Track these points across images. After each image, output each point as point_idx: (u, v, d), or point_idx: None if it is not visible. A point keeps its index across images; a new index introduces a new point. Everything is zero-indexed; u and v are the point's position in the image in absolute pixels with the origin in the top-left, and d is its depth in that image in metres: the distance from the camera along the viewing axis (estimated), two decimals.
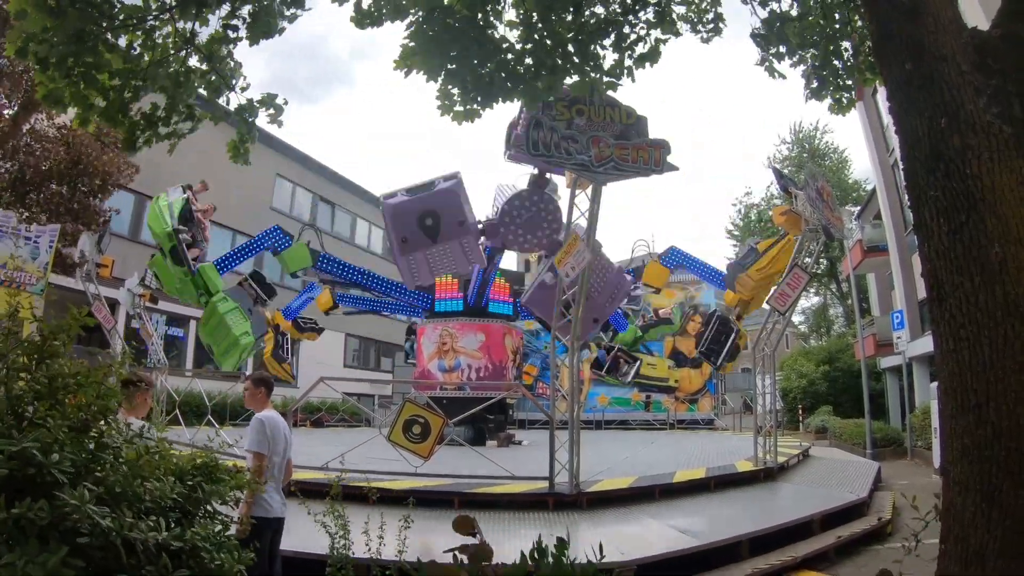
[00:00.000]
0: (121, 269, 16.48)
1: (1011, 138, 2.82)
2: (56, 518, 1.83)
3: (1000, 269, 2.66)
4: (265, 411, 4.54)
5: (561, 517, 7.25)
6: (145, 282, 14.18)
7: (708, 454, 12.82)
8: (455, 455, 9.72)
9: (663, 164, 6.92)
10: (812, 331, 48.56)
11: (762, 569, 6.05)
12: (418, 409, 8.34)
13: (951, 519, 2.71)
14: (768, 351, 11.50)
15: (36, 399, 2.20)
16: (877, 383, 24.78)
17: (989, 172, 2.76)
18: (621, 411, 25.67)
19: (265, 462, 4.23)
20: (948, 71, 2.95)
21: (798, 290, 10.23)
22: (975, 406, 2.63)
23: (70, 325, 2.35)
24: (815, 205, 9.97)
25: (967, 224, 2.75)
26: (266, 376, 4.94)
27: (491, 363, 16.06)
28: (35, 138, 14.04)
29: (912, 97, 3.02)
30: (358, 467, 7.80)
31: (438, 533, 5.67)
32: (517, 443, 15.89)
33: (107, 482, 2.11)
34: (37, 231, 12.65)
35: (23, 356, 2.26)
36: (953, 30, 3.07)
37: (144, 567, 1.97)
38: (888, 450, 17.36)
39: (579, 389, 9.30)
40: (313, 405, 20.78)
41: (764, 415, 11.35)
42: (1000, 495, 2.52)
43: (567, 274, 7.52)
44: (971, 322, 2.69)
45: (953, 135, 2.84)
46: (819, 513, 7.58)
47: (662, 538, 6.45)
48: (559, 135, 6.61)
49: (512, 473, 8.25)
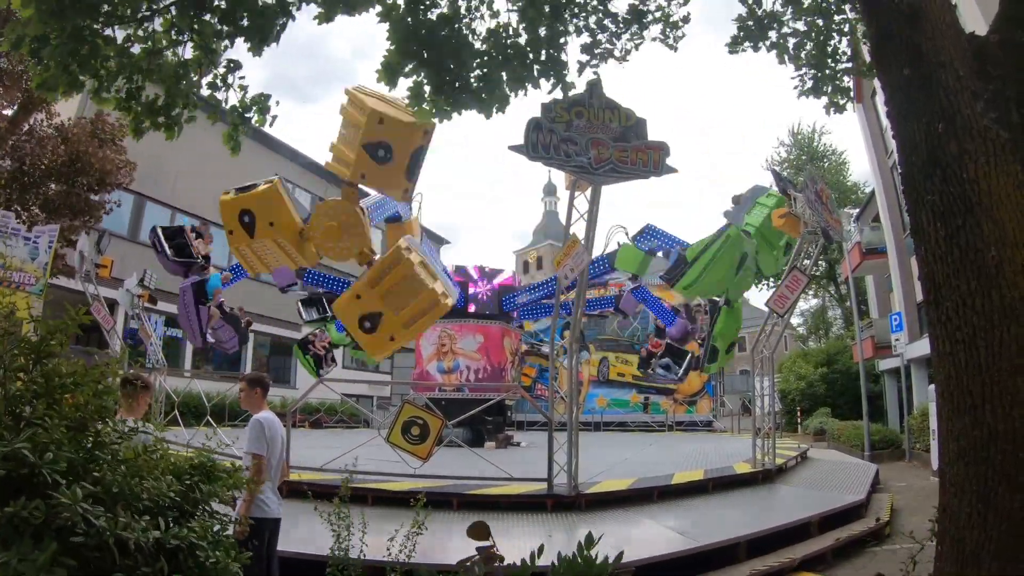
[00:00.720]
0: (120, 269, 16.47)
1: (1008, 143, 2.83)
2: (50, 517, 1.83)
3: (996, 272, 2.67)
4: (263, 412, 4.53)
5: (560, 518, 7.25)
6: (144, 282, 14.19)
7: (706, 456, 12.82)
8: (454, 456, 9.72)
9: (662, 166, 6.92)
10: (811, 333, 48.57)
11: (760, 571, 6.05)
12: (417, 410, 8.34)
13: (947, 520, 2.72)
14: (767, 353, 11.51)
15: (33, 399, 2.20)
16: (875, 385, 24.78)
17: (986, 176, 2.77)
18: (619, 413, 25.68)
19: (264, 463, 4.23)
20: (946, 76, 2.96)
21: (797, 292, 10.23)
22: (971, 408, 2.64)
23: (67, 325, 2.35)
24: (814, 207, 9.98)
25: (964, 228, 2.76)
26: (262, 376, 4.93)
27: (490, 364, 16.07)
28: (33, 137, 14.03)
29: (910, 101, 3.04)
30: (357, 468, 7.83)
31: (437, 534, 5.67)
32: (516, 444, 15.89)
33: (104, 481, 2.11)
34: (36, 231, 12.64)
35: (20, 356, 2.26)
36: (951, 35, 3.08)
37: (140, 567, 1.97)
38: (886, 452, 17.35)
39: (578, 391, 9.29)
40: (312, 406, 20.76)
41: (762, 417, 11.36)
42: (996, 497, 2.53)
43: (566, 276, 7.52)
44: (967, 325, 2.70)
45: (950, 140, 2.86)
46: (817, 515, 7.59)
47: (661, 539, 6.45)
48: (559, 137, 6.61)
49: (511, 474, 8.25)
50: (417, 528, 4.21)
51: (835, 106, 6.14)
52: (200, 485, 2.54)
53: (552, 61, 4.87)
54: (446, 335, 16.14)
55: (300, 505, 7.32)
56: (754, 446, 10.76)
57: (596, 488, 8.11)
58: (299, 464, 8.59)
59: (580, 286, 7.93)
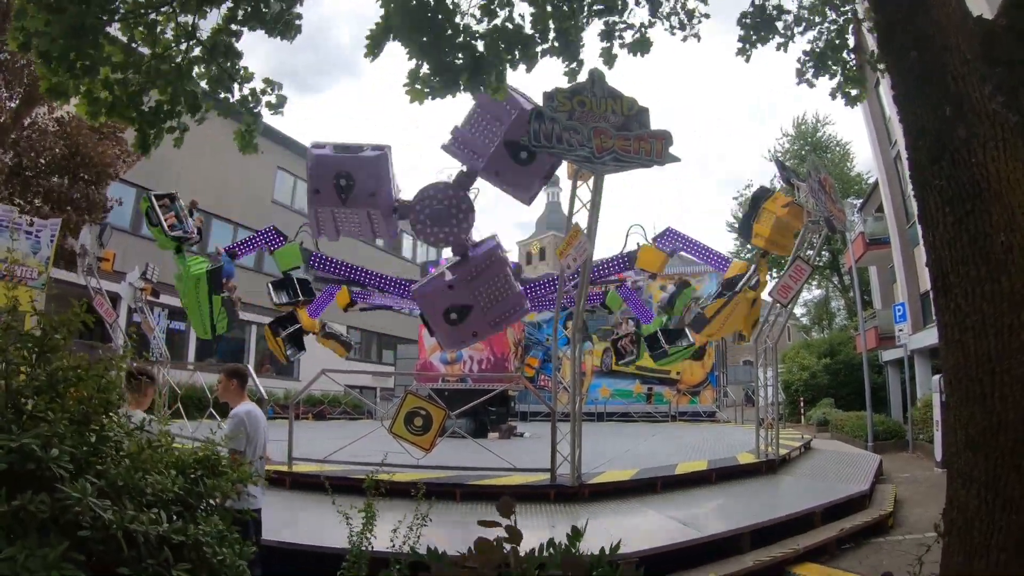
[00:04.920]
0: (122, 263, 16.47)
1: (1017, 127, 2.79)
2: (57, 511, 1.82)
3: (1006, 258, 2.64)
4: (243, 404, 4.57)
5: (563, 509, 7.26)
6: (147, 275, 14.18)
7: (710, 446, 12.82)
8: (457, 447, 9.73)
9: (665, 155, 6.87)
10: (814, 324, 48.54)
11: (764, 561, 6.05)
12: (420, 401, 8.34)
13: (954, 511, 2.70)
14: (770, 344, 11.49)
15: (36, 393, 2.19)
16: (878, 376, 24.75)
17: (995, 161, 2.73)
18: (623, 403, 25.69)
19: (242, 459, 4.30)
20: (953, 60, 2.92)
21: (800, 282, 10.19)
22: (980, 397, 2.62)
23: (71, 320, 2.34)
24: (817, 197, 9.92)
25: (972, 213, 2.73)
26: (240, 368, 4.95)
27: (493, 355, 16.07)
28: (34, 131, 14.02)
29: (917, 86, 3.00)
30: (360, 459, 7.85)
31: (440, 524, 5.68)
32: (519, 435, 15.91)
33: (108, 475, 2.10)
34: (38, 225, 12.64)
35: (23, 350, 2.25)
36: (958, 19, 3.04)
37: (145, 560, 1.96)
38: (889, 443, 17.34)
39: (581, 381, 9.29)
40: (315, 398, 20.81)
41: (766, 408, 11.35)
42: (1004, 487, 2.51)
43: (568, 266, 7.49)
44: (976, 312, 2.67)
45: (958, 124, 2.82)
46: (820, 506, 7.58)
47: (664, 530, 6.45)
48: (560, 126, 6.56)
49: (514, 465, 8.25)
50: (420, 519, 4.21)
51: (847, 97, 6.08)
52: (204, 479, 2.54)
53: (562, 38, 4.73)
54: None
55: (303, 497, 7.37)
56: (757, 437, 10.76)
57: (599, 479, 8.12)
58: (304, 456, 8.62)
59: (583, 277, 7.89)
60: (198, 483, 2.49)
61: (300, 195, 28.19)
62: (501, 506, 2.11)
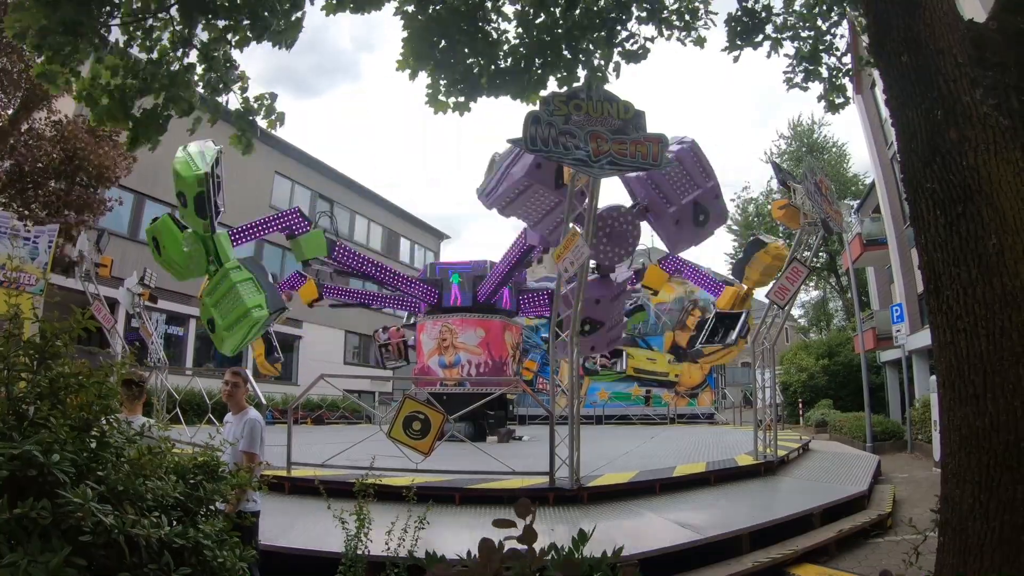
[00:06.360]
0: (120, 268, 16.48)
1: (1008, 130, 2.82)
2: (58, 517, 1.84)
3: (997, 260, 2.66)
4: (251, 410, 4.62)
5: (562, 512, 7.26)
6: (144, 281, 14.19)
7: (708, 448, 12.83)
8: (455, 451, 9.73)
9: (661, 159, 6.91)
10: (812, 325, 48.56)
11: (763, 563, 6.06)
12: (418, 405, 8.34)
13: (949, 510, 2.72)
14: (768, 345, 11.51)
15: (38, 399, 2.20)
16: (877, 377, 24.79)
17: (986, 163, 2.76)
18: (621, 406, 25.71)
19: (258, 460, 4.33)
20: (945, 64, 2.95)
21: (797, 284, 10.23)
22: (973, 397, 2.64)
23: (72, 327, 2.36)
24: (814, 199, 9.97)
25: (964, 215, 2.75)
26: (241, 370, 5.07)
27: (491, 359, 16.06)
28: (32, 136, 14.01)
29: (909, 90, 3.03)
30: (358, 463, 7.85)
31: (439, 528, 5.69)
32: (517, 439, 15.91)
33: (109, 481, 2.12)
34: (36, 231, 12.62)
35: (24, 357, 2.27)
36: (950, 22, 3.07)
37: (146, 565, 1.98)
38: (888, 443, 17.37)
39: (579, 384, 9.31)
40: (313, 402, 20.82)
41: (764, 409, 11.36)
42: (998, 487, 2.53)
43: (565, 270, 7.51)
44: (968, 313, 2.69)
45: (950, 127, 2.85)
46: (819, 507, 7.60)
47: (663, 532, 6.46)
48: (557, 130, 6.59)
49: (512, 468, 8.26)
50: (419, 523, 4.23)
51: (830, 104, 6.12)
52: (204, 484, 2.55)
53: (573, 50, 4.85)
54: (447, 329, 16.12)
55: (301, 502, 7.37)
56: (756, 438, 10.77)
57: (598, 481, 8.13)
58: (302, 460, 8.63)
59: (580, 280, 7.91)
60: (198, 488, 2.51)
61: (297, 199, 28.24)
62: (519, 507, 2.12)
